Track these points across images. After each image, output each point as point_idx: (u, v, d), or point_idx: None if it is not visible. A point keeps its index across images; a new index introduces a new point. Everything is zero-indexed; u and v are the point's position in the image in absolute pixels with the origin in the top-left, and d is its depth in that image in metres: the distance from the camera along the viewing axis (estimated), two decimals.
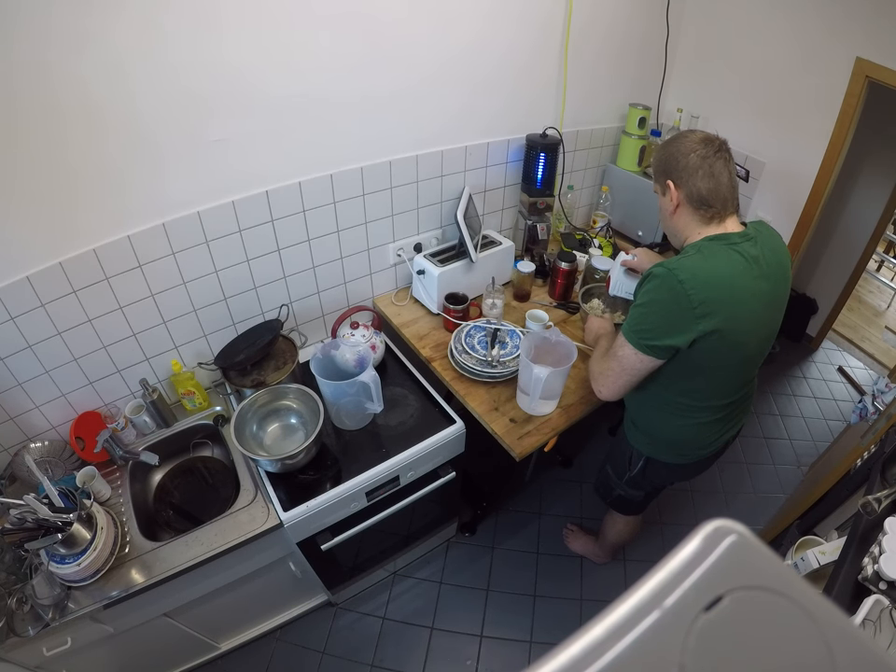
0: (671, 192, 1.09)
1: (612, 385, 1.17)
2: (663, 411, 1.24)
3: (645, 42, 1.99)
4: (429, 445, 1.45)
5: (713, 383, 1.15)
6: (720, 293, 1.00)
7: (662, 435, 1.29)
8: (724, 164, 1.05)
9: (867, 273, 3.16)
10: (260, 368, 1.51)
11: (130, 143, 1.16)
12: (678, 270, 1.00)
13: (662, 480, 1.46)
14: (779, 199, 1.96)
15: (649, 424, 1.30)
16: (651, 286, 1.05)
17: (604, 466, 1.57)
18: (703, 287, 0.99)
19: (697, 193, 1.06)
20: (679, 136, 1.10)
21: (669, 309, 1.02)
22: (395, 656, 1.75)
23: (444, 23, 1.45)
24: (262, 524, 1.28)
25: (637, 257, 1.43)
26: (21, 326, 1.20)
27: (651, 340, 1.05)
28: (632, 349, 1.08)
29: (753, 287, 1.05)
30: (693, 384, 1.15)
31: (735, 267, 1.03)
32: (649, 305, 1.06)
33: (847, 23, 1.60)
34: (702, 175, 1.04)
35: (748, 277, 1.04)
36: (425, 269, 1.72)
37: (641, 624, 0.20)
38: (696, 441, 1.28)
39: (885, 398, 1.58)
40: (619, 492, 1.52)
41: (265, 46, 1.21)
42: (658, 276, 1.03)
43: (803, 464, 2.44)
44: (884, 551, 0.93)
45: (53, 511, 1.11)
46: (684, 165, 1.05)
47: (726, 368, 1.12)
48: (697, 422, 1.22)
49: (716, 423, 1.24)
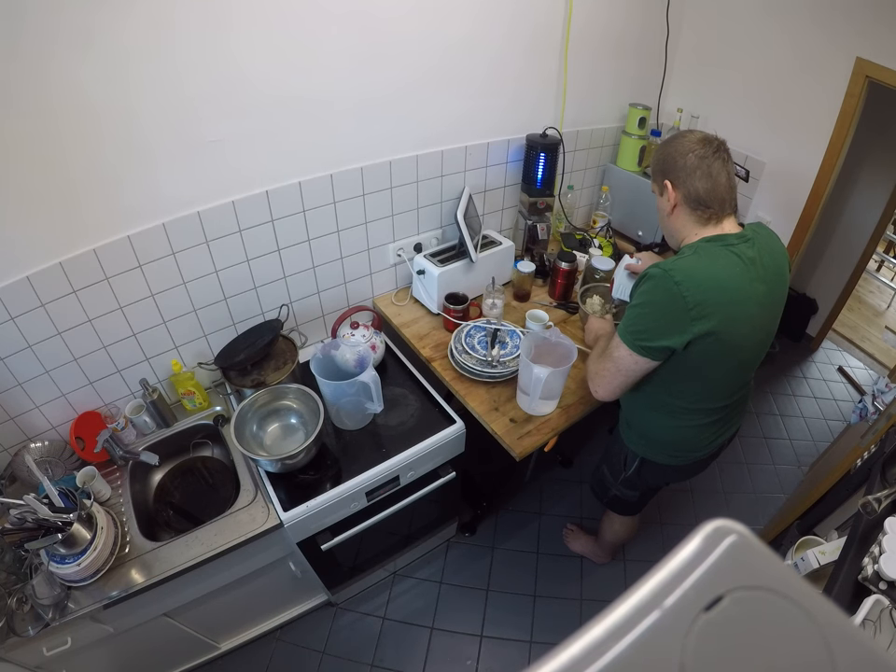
0: (669, 192, 1.09)
1: (608, 386, 1.16)
2: (657, 411, 1.23)
3: (645, 42, 1.99)
4: (429, 445, 1.45)
5: (708, 385, 1.15)
6: (716, 295, 1.00)
7: (656, 436, 1.29)
8: (723, 165, 1.04)
9: (867, 273, 3.16)
10: (260, 368, 1.51)
11: (130, 143, 1.16)
12: (673, 271, 0.99)
13: (657, 480, 1.46)
14: (779, 199, 1.96)
15: (643, 424, 1.30)
16: (647, 287, 1.04)
17: (599, 466, 1.57)
18: (699, 288, 0.98)
19: (695, 193, 1.05)
20: (677, 136, 1.09)
21: (665, 310, 1.02)
22: (395, 656, 1.75)
23: (444, 24, 1.45)
24: (262, 524, 1.28)
25: (641, 261, 1.42)
26: (21, 326, 1.20)
27: (645, 341, 1.05)
28: (627, 350, 1.08)
29: (750, 290, 1.04)
30: (687, 385, 1.15)
31: (732, 269, 1.02)
32: (644, 306, 1.05)
33: (848, 23, 1.60)
34: (700, 175, 1.03)
35: (744, 279, 1.03)
36: (425, 269, 1.72)
37: (641, 624, 0.20)
38: (691, 443, 1.27)
39: (885, 398, 1.58)
40: (614, 492, 1.52)
41: (268, 46, 1.21)
42: (654, 277, 1.02)
43: (803, 464, 2.44)
44: (884, 551, 0.93)
45: (53, 511, 1.11)
46: (682, 165, 1.05)
47: (722, 371, 1.12)
48: (692, 424, 1.22)
49: (711, 425, 1.24)
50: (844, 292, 2.99)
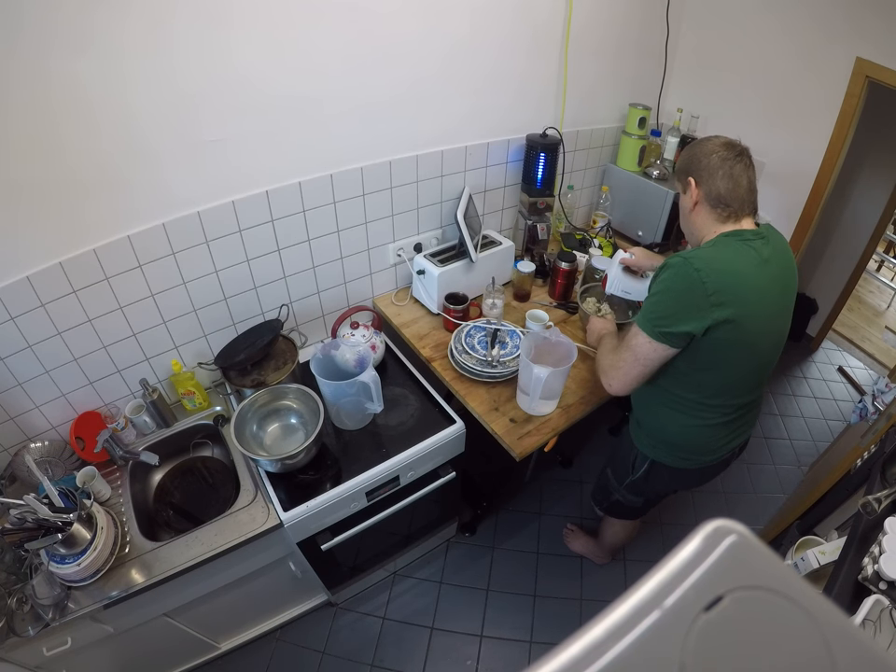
0: (692, 189, 1.13)
1: (624, 378, 1.16)
2: (670, 408, 1.23)
3: (645, 42, 1.99)
4: (429, 445, 1.45)
5: (724, 379, 1.16)
6: (734, 283, 1.03)
7: (667, 435, 1.28)
8: (744, 168, 1.08)
9: (867, 273, 3.16)
10: (260, 368, 1.51)
11: (130, 142, 1.16)
12: (693, 259, 1.03)
13: (664, 486, 1.45)
14: (779, 199, 1.96)
15: (655, 423, 1.29)
16: (667, 274, 1.07)
17: (604, 469, 1.57)
18: (718, 276, 1.01)
19: (716, 192, 1.09)
20: (703, 139, 1.16)
21: (685, 296, 1.04)
22: (395, 656, 1.75)
23: (445, 24, 1.45)
24: (262, 524, 1.28)
25: (635, 256, 1.44)
26: (21, 326, 1.20)
27: (665, 327, 1.06)
28: (646, 338, 1.09)
29: (766, 288, 1.08)
30: (704, 377, 1.15)
31: (749, 262, 1.06)
32: (664, 293, 1.07)
33: (848, 23, 1.60)
34: (721, 175, 1.08)
35: (761, 275, 1.07)
36: (425, 269, 1.72)
37: (641, 624, 0.20)
38: (703, 445, 1.27)
39: (885, 398, 1.58)
40: (617, 497, 1.52)
41: (268, 46, 1.21)
42: (674, 265, 1.06)
43: (803, 464, 2.45)
44: (884, 551, 0.93)
45: (53, 511, 1.11)
46: (706, 165, 1.10)
47: (738, 364, 1.13)
48: (704, 423, 1.22)
49: (723, 426, 1.23)
50: (844, 292, 2.99)
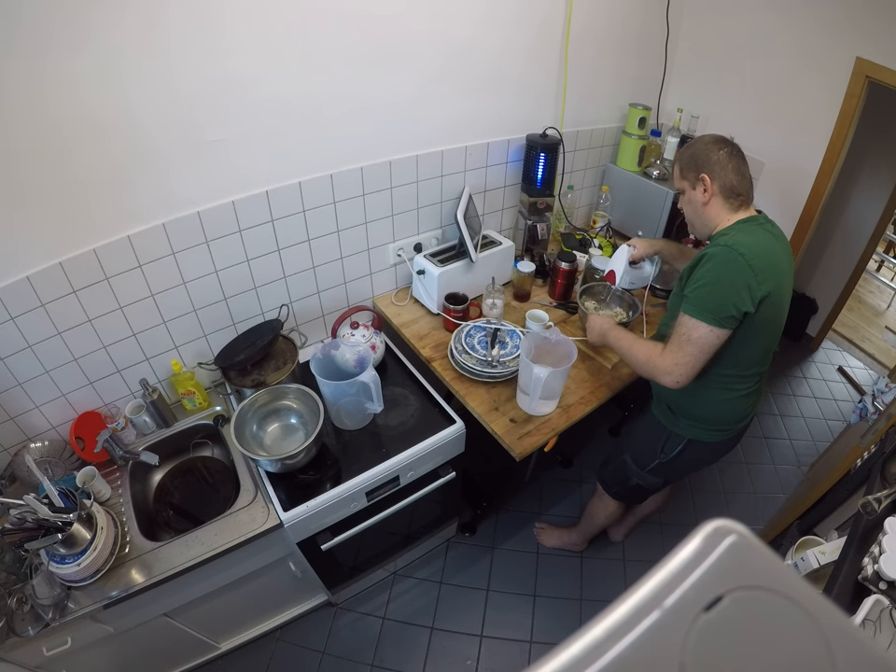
0: (706, 184, 1.20)
1: (692, 371, 1.20)
2: (709, 388, 1.29)
3: (645, 42, 1.99)
4: (429, 445, 1.45)
5: (759, 349, 1.24)
6: (769, 263, 1.13)
7: (706, 414, 1.34)
8: (744, 161, 1.21)
9: (867, 273, 3.16)
10: (260, 368, 1.51)
11: (130, 142, 1.16)
12: (735, 245, 1.11)
13: (696, 461, 1.52)
14: (779, 199, 1.96)
15: (694, 405, 1.34)
16: (711, 265, 1.13)
17: (620, 457, 1.57)
18: (758, 257, 1.11)
19: (729, 184, 1.19)
20: (699, 138, 1.25)
21: (736, 280, 1.11)
22: (395, 656, 1.75)
23: (446, 25, 1.45)
24: (262, 524, 1.28)
25: (636, 247, 1.53)
26: (21, 326, 1.20)
27: (726, 312, 1.11)
28: (708, 328, 1.13)
29: (784, 263, 1.19)
30: (742, 352, 1.22)
31: (771, 242, 1.18)
32: (717, 283, 1.12)
33: (848, 23, 1.60)
34: (731, 167, 1.18)
35: (780, 252, 1.19)
36: (425, 269, 1.72)
37: (641, 624, 0.20)
38: (737, 414, 1.35)
39: (885, 398, 1.58)
40: (636, 481, 1.54)
41: (267, 46, 1.21)
42: (717, 255, 1.12)
43: (803, 464, 2.44)
44: (884, 551, 0.93)
45: (53, 511, 1.11)
46: (716, 160, 1.18)
47: (767, 334, 1.22)
48: (740, 394, 1.30)
49: (751, 395, 1.34)
50: (844, 292, 2.99)
